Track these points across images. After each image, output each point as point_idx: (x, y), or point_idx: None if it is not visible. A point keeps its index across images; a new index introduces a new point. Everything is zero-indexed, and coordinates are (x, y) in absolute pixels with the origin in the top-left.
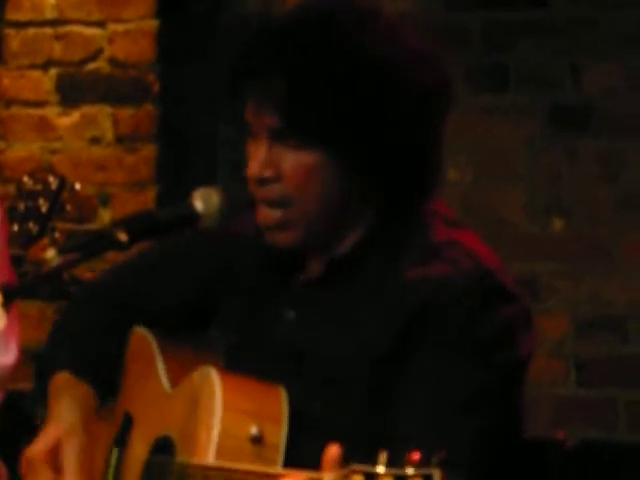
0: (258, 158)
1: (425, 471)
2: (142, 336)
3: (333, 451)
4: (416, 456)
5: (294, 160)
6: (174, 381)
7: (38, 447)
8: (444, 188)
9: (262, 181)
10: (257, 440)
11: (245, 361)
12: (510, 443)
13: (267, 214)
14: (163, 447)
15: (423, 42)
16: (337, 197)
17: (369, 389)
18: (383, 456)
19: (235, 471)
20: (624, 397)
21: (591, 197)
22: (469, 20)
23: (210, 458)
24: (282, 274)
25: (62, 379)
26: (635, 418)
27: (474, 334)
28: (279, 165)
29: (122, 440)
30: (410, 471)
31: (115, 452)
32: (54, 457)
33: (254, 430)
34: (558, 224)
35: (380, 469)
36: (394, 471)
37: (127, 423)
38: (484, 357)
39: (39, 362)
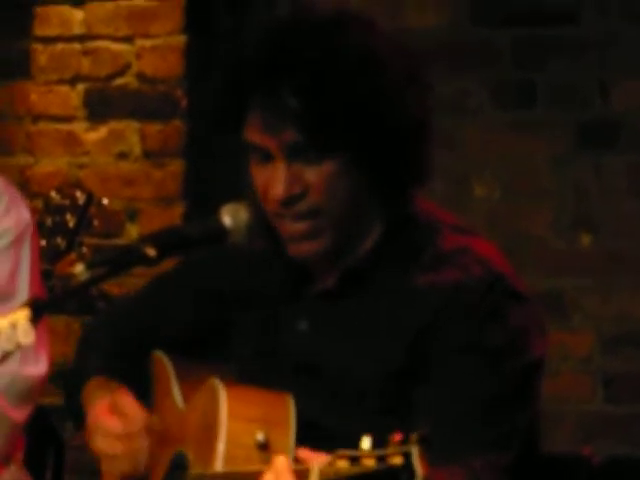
0: (281, 179)
1: (404, 448)
2: (159, 359)
3: (307, 451)
4: (397, 436)
5: (316, 172)
6: (187, 398)
7: (94, 414)
8: (471, 203)
9: (290, 200)
10: (264, 446)
11: (258, 374)
12: (528, 447)
13: (296, 227)
14: (178, 464)
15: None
16: (359, 201)
17: (383, 401)
18: (366, 440)
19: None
20: None
21: (618, 213)
22: (496, 36)
23: (219, 468)
24: (295, 286)
25: (94, 384)
26: None
27: (487, 340)
28: (303, 181)
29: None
30: (390, 450)
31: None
32: (113, 410)
33: (260, 436)
34: (585, 240)
35: (363, 451)
36: (376, 452)
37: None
38: (498, 362)
39: (67, 379)
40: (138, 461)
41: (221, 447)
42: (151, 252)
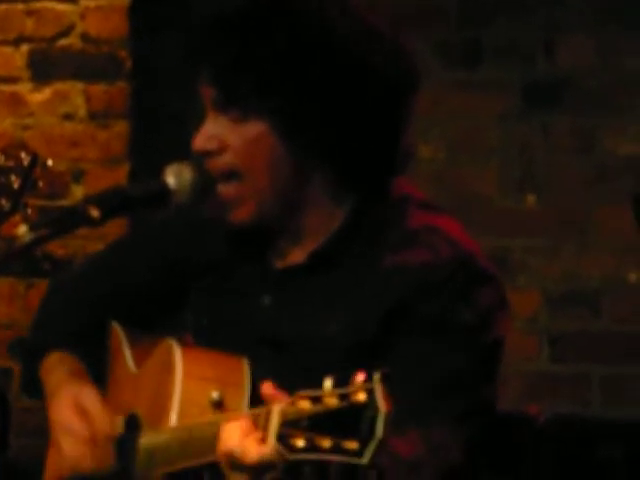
0: (202, 131)
1: (367, 385)
2: (114, 329)
3: (272, 386)
4: (360, 376)
5: (236, 132)
6: (139, 363)
7: (59, 409)
8: (417, 164)
9: (205, 153)
10: (218, 404)
11: (215, 344)
12: (488, 421)
13: (222, 190)
14: (131, 425)
15: (380, 19)
16: (288, 173)
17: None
18: (328, 380)
19: (183, 428)
20: (597, 372)
21: (564, 172)
22: None
23: (172, 425)
24: (256, 259)
25: (55, 357)
26: (609, 393)
27: (455, 318)
28: (223, 137)
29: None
30: (352, 388)
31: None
32: (78, 409)
33: (215, 395)
34: (531, 199)
35: (325, 391)
36: (338, 391)
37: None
38: (465, 341)
39: (24, 347)
40: (104, 463)
41: (175, 404)
42: (95, 213)
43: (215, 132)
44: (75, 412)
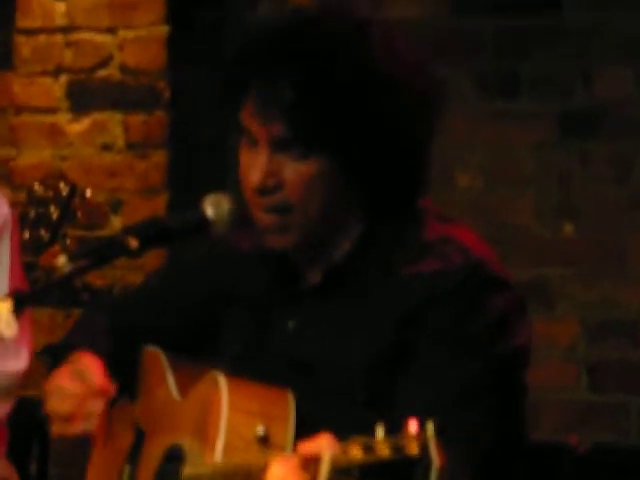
0: (259, 167)
1: (421, 437)
2: (153, 353)
3: (327, 434)
4: (414, 425)
5: (296, 169)
6: (183, 391)
7: (55, 376)
8: (455, 193)
9: (264, 190)
10: (264, 440)
11: (247, 372)
12: (513, 434)
13: (266, 218)
14: (173, 456)
15: (415, 48)
16: (336, 202)
17: (370, 393)
18: (381, 427)
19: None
20: (636, 402)
21: (601, 200)
22: (479, 26)
23: (217, 459)
24: (283, 284)
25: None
26: None
27: (468, 327)
28: (281, 174)
29: (134, 455)
30: (406, 439)
31: (127, 469)
32: (73, 373)
33: (260, 430)
34: (569, 228)
35: (377, 440)
36: (392, 440)
37: (139, 438)
38: (480, 349)
39: (53, 353)
40: (89, 422)
41: (221, 437)
42: (133, 244)
43: (272, 169)
44: (69, 375)
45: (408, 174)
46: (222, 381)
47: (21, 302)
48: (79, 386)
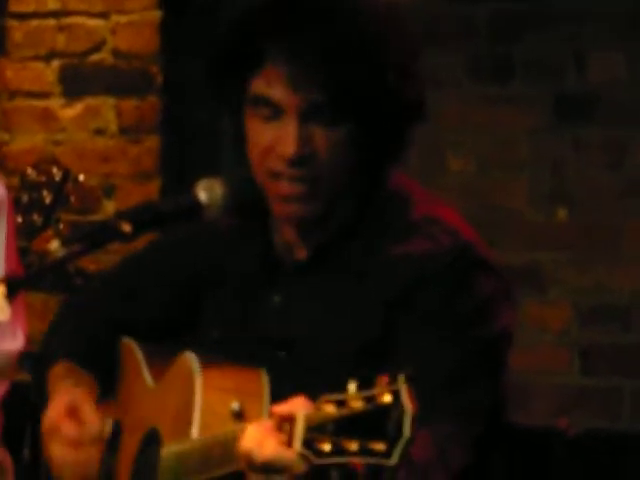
0: (292, 137)
1: (392, 387)
2: (127, 345)
3: (300, 396)
4: (384, 378)
5: (327, 137)
6: (158, 377)
7: (55, 411)
8: (447, 177)
9: (299, 161)
10: (239, 415)
11: (230, 347)
12: (496, 415)
13: (293, 187)
14: (151, 440)
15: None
16: (352, 171)
17: (357, 372)
18: (352, 383)
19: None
20: (628, 386)
21: (595, 186)
22: (472, 10)
23: (194, 436)
24: (271, 261)
25: (62, 367)
26: (639, 406)
27: (455, 309)
28: (312, 143)
29: (112, 447)
30: (378, 390)
31: (106, 458)
32: (69, 411)
33: (235, 405)
34: (562, 213)
35: (350, 394)
36: (363, 393)
37: (116, 429)
38: (468, 330)
39: (34, 363)
40: (87, 470)
41: (197, 416)
42: (126, 228)
43: (306, 137)
44: (66, 414)
45: (406, 137)
46: (194, 361)
47: (14, 286)
48: (78, 432)
